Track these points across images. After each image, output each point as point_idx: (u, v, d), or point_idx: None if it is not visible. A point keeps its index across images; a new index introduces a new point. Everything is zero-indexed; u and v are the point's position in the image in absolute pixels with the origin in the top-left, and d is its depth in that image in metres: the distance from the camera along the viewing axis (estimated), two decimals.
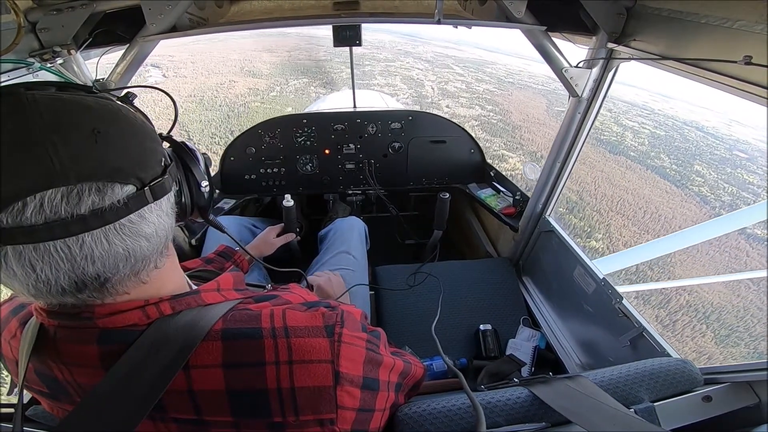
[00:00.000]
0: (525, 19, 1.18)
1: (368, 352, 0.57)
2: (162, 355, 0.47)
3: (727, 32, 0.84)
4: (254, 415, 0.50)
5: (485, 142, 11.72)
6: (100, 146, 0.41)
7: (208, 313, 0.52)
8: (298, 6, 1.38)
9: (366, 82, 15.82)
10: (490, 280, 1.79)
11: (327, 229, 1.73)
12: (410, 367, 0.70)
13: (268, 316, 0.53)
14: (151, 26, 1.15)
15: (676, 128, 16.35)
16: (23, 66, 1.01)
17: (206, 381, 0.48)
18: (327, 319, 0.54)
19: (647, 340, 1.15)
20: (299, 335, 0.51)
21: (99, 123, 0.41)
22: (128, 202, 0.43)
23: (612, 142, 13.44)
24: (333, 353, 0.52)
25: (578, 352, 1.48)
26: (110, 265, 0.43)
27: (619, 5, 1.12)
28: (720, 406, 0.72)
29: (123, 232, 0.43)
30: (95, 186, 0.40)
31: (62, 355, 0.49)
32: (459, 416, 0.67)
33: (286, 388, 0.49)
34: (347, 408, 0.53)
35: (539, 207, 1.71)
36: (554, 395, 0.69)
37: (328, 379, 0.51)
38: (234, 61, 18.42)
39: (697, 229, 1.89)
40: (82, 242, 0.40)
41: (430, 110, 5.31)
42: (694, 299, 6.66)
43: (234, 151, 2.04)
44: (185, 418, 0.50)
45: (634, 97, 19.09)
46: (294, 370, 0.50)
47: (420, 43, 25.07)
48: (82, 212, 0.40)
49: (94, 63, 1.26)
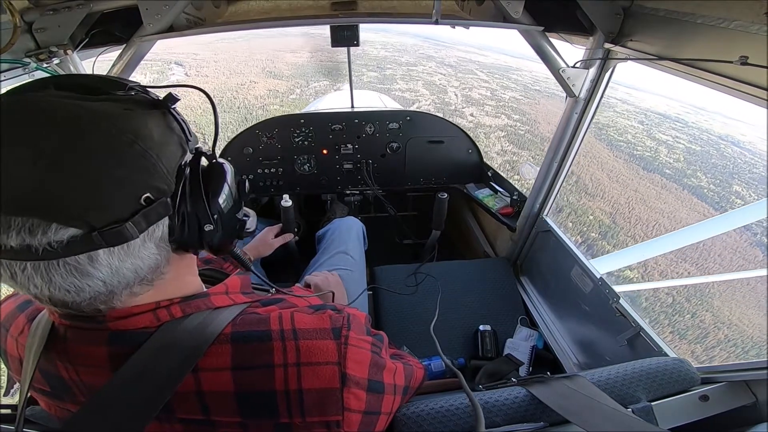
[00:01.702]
0: (522, 20, 1.18)
1: (373, 355, 0.57)
2: (171, 358, 0.47)
3: (724, 32, 0.84)
4: (261, 416, 0.50)
5: (512, 155, 11.06)
6: (40, 173, 0.35)
7: (218, 317, 0.52)
8: (295, 6, 1.38)
9: (387, 86, 15.10)
10: (487, 280, 1.79)
11: (325, 230, 1.73)
12: (412, 370, 0.71)
13: (277, 318, 0.53)
14: (148, 26, 1.15)
15: (712, 143, 15.11)
16: (19, 66, 1.01)
17: (215, 383, 0.49)
18: (334, 322, 0.55)
19: (644, 340, 1.15)
20: (307, 338, 0.51)
21: (51, 140, 0.35)
22: (69, 245, 0.37)
23: (646, 158, 12.41)
24: (340, 355, 0.52)
25: (576, 351, 1.49)
26: (115, 282, 0.42)
27: (616, 5, 1.12)
28: (717, 405, 0.72)
29: (69, 271, 0.39)
30: (25, 223, 0.35)
31: (71, 355, 0.49)
32: (458, 416, 0.67)
33: (294, 389, 0.50)
34: (353, 410, 0.53)
35: (536, 207, 1.71)
36: (552, 395, 0.69)
37: (335, 381, 0.51)
38: (257, 61, 17.94)
39: (698, 227, 1.90)
40: (45, 269, 0.38)
41: (453, 119, 5.21)
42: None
43: (231, 152, 2.04)
44: (192, 419, 0.50)
45: (666, 108, 18.03)
46: (302, 372, 0.50)
47: (443, 47, 24.16)
48: (13, 246, 0.35)
49: (91, 63, 1.25)
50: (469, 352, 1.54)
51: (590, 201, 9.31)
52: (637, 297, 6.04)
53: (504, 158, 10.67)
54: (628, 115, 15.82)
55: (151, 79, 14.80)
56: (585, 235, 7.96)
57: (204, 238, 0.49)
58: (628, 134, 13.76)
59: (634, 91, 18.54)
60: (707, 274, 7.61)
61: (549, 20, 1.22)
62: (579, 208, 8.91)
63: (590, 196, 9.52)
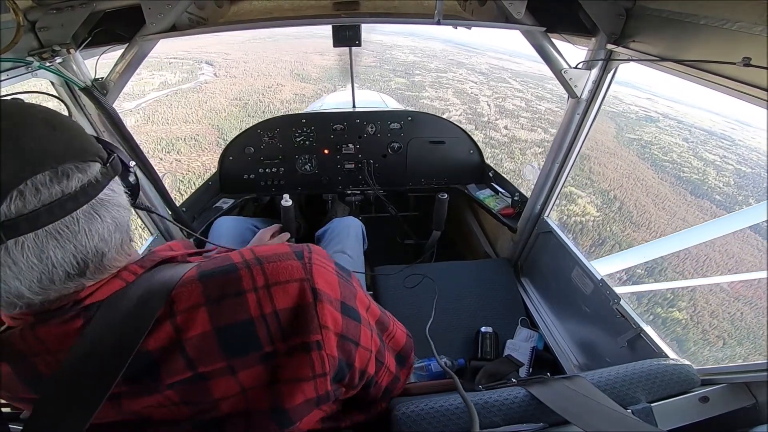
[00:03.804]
0: (524, 20, 1.18)
1: (340, 279, 0.57)
2: (145, 306, 0.47)
3: (726, 33, 0.84)
4: (245, 351, 0.50)
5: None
6: (59, 133, 0.45)
7: (179, 266, 0.54)
8: (298, 6, 1.38)
9: (415, 94, 14.42)
10: (488, 281, 1.79)
11: (324, 229, 1.74)
12: (388, 321, 0.71)
13: (238, 254, 0.54)
14: (151, 25, 1.15)
15: (761, 165, 13.81)
16: (22, 65, 1.01)
17: (192, 324, 0.48)
18: (294, 247, 0.56)
19: (645, 341, 1.15)
20: (271, 260, 0.52)
21: (46, 116, 0.45)
22: (100, 178, 0.47)
23: (693, 182, 11.18)
24: (306, 272, 0.52)
25: (576, 352, 1.49)
26: (106, 236, 0.48)
27: (619, 6, 1.12)
28: (717, 406, 0.72)
29: (107, 204, 0.48)
30: (75, 165, 0.44)
31: (48, 344, 0.47)
32: (456, 416, 0.68)
33: (269, 312, 0.50)
34: (330, 329, 0.53)
35: (538, 208, 1.71)
36: (552, 396, 0.69)
37: (307, 295, 0.51)
38: (285, 62, 17.66)
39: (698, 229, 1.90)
40: (77, 220, 0.44)
41: (486, 131, 4.96)
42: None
43: (233, 151, 2.04)
44: (181, 379, 0.49)
45: (711, 124, 16.63)
46: (272, 292, 0.50)
47: (474, 53, 23.20)
48: (72, 190, 0.43)
49: (93, 62, 1.26)
50: (469, 353, 1.54)
51: (635, 232, 8.38)
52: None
53: None
54: (671, 131, 14.64)
55: (180, 78, 14.60)
56: (630, 271, 6.92)
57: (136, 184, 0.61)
58: (673, 153, 12.69)
59: (675, 104, 17.55)
60: (708, 276, 7.50)
61: (551, 21, 1.22)
62: (623, 239, 7.99)
63: (635, 225, 8.73)
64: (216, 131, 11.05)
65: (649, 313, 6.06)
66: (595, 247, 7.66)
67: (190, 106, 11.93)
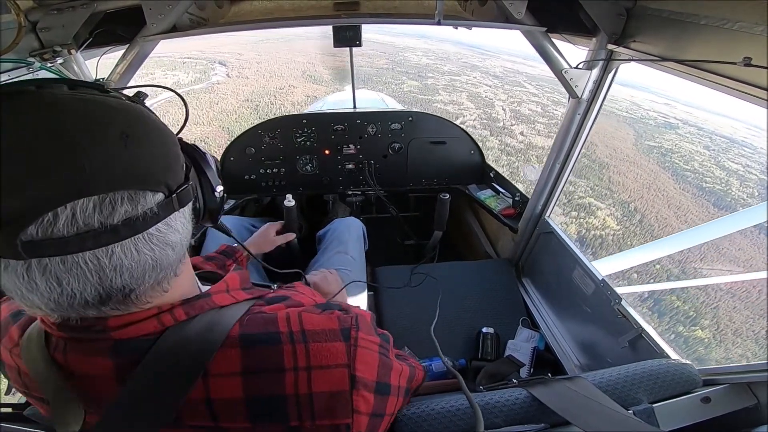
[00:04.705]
0: (525, 20, 1.18)
1: (381, 357, 0.57)
2: (180, 364, 0.46)
3: (727, 33, 0.84)
4: (271, 420, 0.50)
5: (569, 185, 8.29)
6: (130, 150, 0.38)
7: (223, 318, 0.51)
8: (298, 6, 1.38)
9: (428, 97, 14.04)
10: (489, 281, 1.79)
11: (325, 230, 1.73)
12: (414, 371, 0.71)
13: (284, 319, 0.52)
14: (152, 26, 1.15)
15: None
16: (23, 65, 1.01)
17: (225, 389, 0.48)
18: (342, 323, 0.54)
19: (646, 342, 1.15)
20: (317, 340, 0.51)
21: (127, 126, 0.39)
22: (158, 211, 0.41)
23: (716, 192, 10.72)
24: (349, 357, 0.52)
25: (577, 353, 1.48)
26: (138, 275, 0.42)
27: (619, 6, 1.12)
28: (718, 407, 0.72)
29: (152, 241, 0.42)
30: (128, 194, 0.38)
31: (72, 367, 0.47)
32: (458, 417, 0.67)
33: (305, 393, 0.49)
34: (362, 413, 0.52)
35: (539, 208, 1.71)
36: (553, 396, 0.69)
37: (345, 383, 0.51)
38: (297, 63, 17.32)
39: (699, 230, 1.90)
40: (111, 253, 0.38)
41: (501, 137, 4.81)
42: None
43: (234, 152, 2.04)
44: (201, 426, 0.49)
45: (732, 131, 15.93)
46: (312, 375, 0.49)
47: (488, 56, 22.58)
48: (115, 222, 0.38)
49: (94, 63, 1.26)
50: (470, 353, 1.54)
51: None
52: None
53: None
54: (691, 138, 14.07)
55: (193, 78, 14.45)
56: (661, 308, 6.51)
57: (214, 201, 0.58)
58: (695, 161, 12.22)
59: (694, 109, 17.05)
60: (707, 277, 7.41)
61: (552, 21, 1.22)
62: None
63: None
64: (226, 134, 10.97)
65: (671, 332, 5.75)
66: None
67: (201, 107, 11.86)
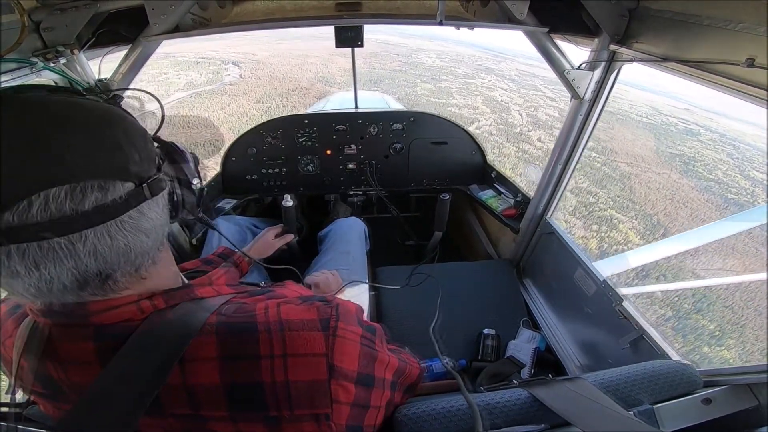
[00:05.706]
0: (527, 21, 1.18)
1: (363, 347, 0.56)
2: (158, 350, 0.47)
3: (730, 34, 0.84)
4: (250, 409, 0.50)
5: (587, 195, 8.58)
6: (105, 145, 0.42)
7: (202, 307, 0.52)
8: (300, 7, 1.38)
9: (442, 101, 13.50)
10: (490, 282, 1.79)
11: (327, 230, 1.74)
12: (405, 366, 0.70)
13: (263, 309, 0.53)
14: (155, 26, 1.16)
15: None
16: (26, 65, 1.01)
17: (201, 374, 0.48)
18: (322, 313, 0.54)
19: (647, 343, 1.15)
20: (293, 328, 0.51)
21: (96, 123, 0.43)
22: (128, 199, 0.44)
23: (742, 204, 10.15)
24: (327, 347, 0.52)
25: (578, 353, 1.48)
26: (112, 260, 0.44)
27: (622, 7, 1.12)
28: (720, 408, 0.72)
29: (124, 228, 0.44)
30: (98, 183, 0.41)
31: (58, 354, 0.49)
32: (458, 417, 0.67)
33: (281, 381, 0.49)
34: (342, 402, 0.52)
35: (540, 209, 1.70)
36: (554, 397, 0.69)
37: (323, 372, 0.51)
38: (311, 64, 16.71)
39: (700, 231, 1.89)
40: (84, 238, 0.41)
41: (519, 143, 4.62)
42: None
43: (235, 152, 2.05)
44: (182, 414, 0.50)
45: (755, 138, 15.12)
46: (289, 363, 0.50)
47: (503, 58, 21.66)
48: (86, 209, 0.40)
49: (97, 63, 1.26)
50: (471, 354, 1.54)
51: (681, 262, 7.33)
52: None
53: (579, 198, 7.99)
54: (714, 146, 13.19)
55: (206, 78, 14.34)
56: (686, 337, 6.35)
57: (191, 194, 0.59)
58: (719, 171, 11.39)
59: (715, 115, 16.62)
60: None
61: (554, 21, 1.22)
62: (668, 269, 7.00)
63: (682, 256, 7.51)
64: (236, 137, 10.93)
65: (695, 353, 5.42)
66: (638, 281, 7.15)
67: (212, 108, 11.74)
